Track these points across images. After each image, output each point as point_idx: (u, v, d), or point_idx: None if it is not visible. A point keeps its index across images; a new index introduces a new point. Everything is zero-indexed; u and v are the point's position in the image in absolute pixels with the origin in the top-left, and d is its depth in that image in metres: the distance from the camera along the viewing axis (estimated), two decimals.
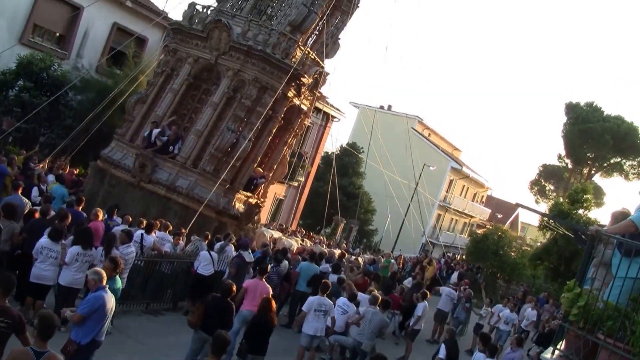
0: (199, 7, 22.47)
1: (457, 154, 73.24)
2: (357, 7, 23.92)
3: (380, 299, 15.00)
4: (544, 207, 71.16)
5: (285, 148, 23.75)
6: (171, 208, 20.07)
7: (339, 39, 23.96)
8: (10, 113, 24.12)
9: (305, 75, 21.82)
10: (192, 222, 17.76)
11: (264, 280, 13.40)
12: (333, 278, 17.98)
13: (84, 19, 28.74)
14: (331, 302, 14.45)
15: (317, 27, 23.27)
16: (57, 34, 28.53)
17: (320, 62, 23.02)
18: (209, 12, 22.26)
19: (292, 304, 18.45)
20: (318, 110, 37.78)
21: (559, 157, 71.56)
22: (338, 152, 46.64)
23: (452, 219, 68.69)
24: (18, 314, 7.57)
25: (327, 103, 38.38)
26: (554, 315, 23.82)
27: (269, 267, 15.25)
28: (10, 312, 7.45)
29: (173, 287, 16.50)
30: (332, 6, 22.76)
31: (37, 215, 13.30)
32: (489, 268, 44.40)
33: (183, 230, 17.53)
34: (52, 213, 13.61)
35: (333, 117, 42.03)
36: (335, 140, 44.60)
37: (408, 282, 23.93)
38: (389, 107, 61.18)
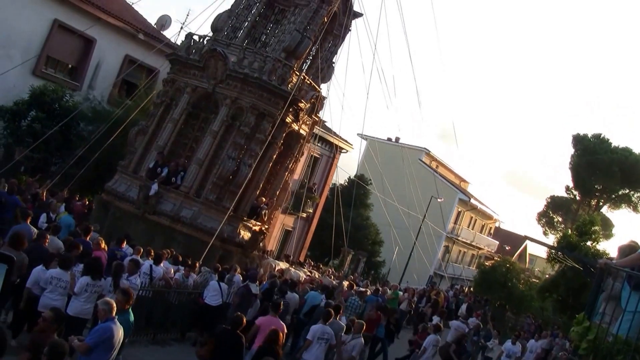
0: (195, 38, 22.79)
1: (465, 185, 73.13)
2: (349, 30, 24.19)
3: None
4: (552, 239, 70.76)
5: (286, 174, 23.85)
6: (176, 238, 20.18)
7: (333, 63, 24.26)
8: (22, 143, 24.32)
9: (303, 100, 22.01)
10: (201, 252, 17.80)
11: (277, 317, 13.32)
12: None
13: (96, 51, 29.09)
14: (332, 331, 14.37)
15: (311, 52, 23.51)
16: (70, 66, 28.85)
17: (317, 87, 23.22)
18: (205, 42, 22.54)
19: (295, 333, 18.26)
20: (326, 142, 37.91)
21: (567, 188, 71.32)
22: (346, 183, 46.63)
23: (460, 250, 68.42)
24: None
25: (335, 135, 38.49)
26: (564, 348, 23.66)
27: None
28: None
29: (180, 318, 16.48)
30: (324, 31, 23.05)
31: (46, 243, 13.28)
32: (497, 300, 44.14)
33: (197, 264, 17.53)
34: (57, 242, 13.65)
35: (341, 149, 42.10)
36: (340, 171, 44.69)
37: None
38: (397, 139, 61.26)
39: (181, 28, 24.02)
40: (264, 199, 22.90)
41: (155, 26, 33.33)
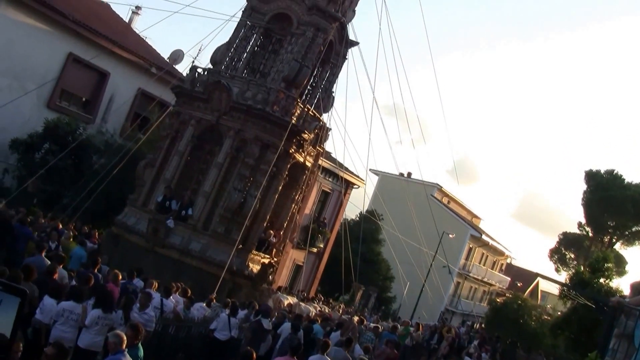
0: (200, 70, 23.03)
1: (477, 221, 72.87)
2: (345, 59, 24.35)
3: None
4: (564, 275, 70.19)
5: (293, 205, 23.86)
6: (185, 271, 20.15)
7: (333, 92, 24.41)
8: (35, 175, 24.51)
9: (306, 131, 22.09)
10: (210, 285, 17.77)
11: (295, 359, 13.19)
12: (335, 336, 17.70)
13: (110, 85, 29.41)
14: None
15: (311, 82, 23.67)
16: (84, 99, 29.14)
17: (319, 117, 23.34)
18: (209, 74, 22.77)
19: None
20: (337, 177, 37.96)
21: (580, 225, 70.78)
22: (357, 218, 46.58)
23: (471, 287, 67.95)
24: None
25: (347, 170, 38.55)
26: None
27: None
28: None
29: (188, 351, 16.39)
30: (321, 60, 23.21)
31: (56, 276, 13.30)
32: (509, 337, 43.66)
33: (212, 298, 17.54)
34: (62, 272, 13.67)
35: (352, 184, 42.12)
36: (352, 206, 44.82)
37: None
38: (409, 174, 61.23)
39: (193, 62, 24.26)
40: (272, 232, 22.91)
41: (168, 60, 33.68)
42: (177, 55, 34.59)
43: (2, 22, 25.03)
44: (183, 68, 31.82)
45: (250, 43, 23.82)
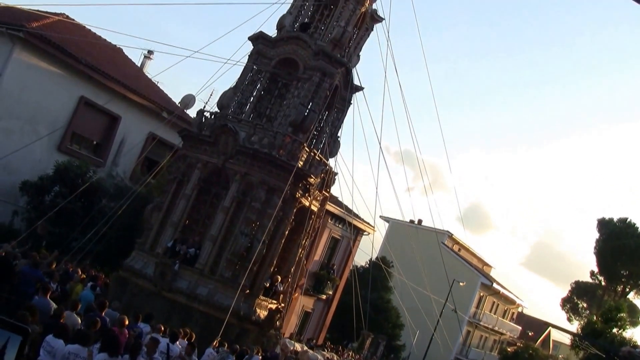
0: (207, 114, 23.12)
1: (488, 269, 72.28)
2: (350, 104, 24.40)
3: None
4: (576, 325, 69.31)
5: (300, 250, 23.67)
6: (192, 316, 19.99)
7: (339, 137, 24.42)
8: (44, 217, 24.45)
9: (312, 176, 22.02)
10: (217, 330, 17.51)
11: None
12: None
13: (120, 128, 29.54)
14: None
15: (317, 127, 23.71)
16: (95, 142, 29.24)
17: (325, 161, 23.29)
18: (216, 118, 22.85)
19: None
20: (347, 223, 37.75)
21: (592, 273, 70.24)
22: (367, 265, 46.24)
23: (482, 335, 67.05)
24: None
25: (357, 217, 38.35)
26: None
27: None
28: None
29: None
30: (327, 105, 23.27)
31: (63, 319, 13.10)
32: None
33: (215, 342, 17.30)
34: (75, 318, 13.48)
35: (362, 230, 41.90)
36: (362, 252, 44.71)
37: None
38: (419, 221, 60.92)
39: (204, 107, 24.33)
40: (279, 277, 22.72)
41: (179, 105, 33.81)
42: (189, 100, 34.67)
43: (16, 65, 25.28)
44: (194, 112, 31.93)
45: (257, 87, 23.97)
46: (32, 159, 25.66)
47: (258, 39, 23.53)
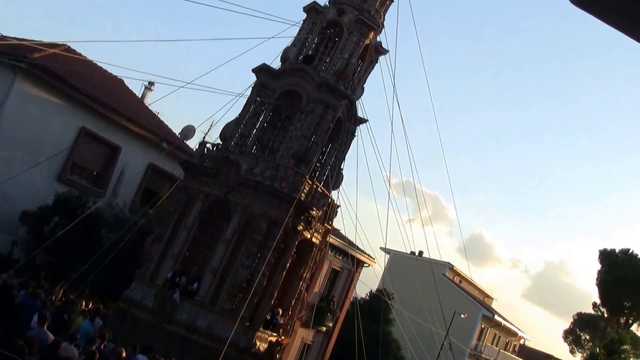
0: (209, 146, 23.08)
1: (489, 301, 71.81)
2: (354, 136, 24.38)
3: None
4: (579, 357, 68.76)
5: (301, 283, 23.48)
6: (191, 348, 19.83)
7: (342, 169, 24.34)
8: (44, 248, 24.34)
9: (314, 208, 21.90)
10: None
11: None
12: None
13: (120, 159, 29.51)
14: None
15: (319, 159, 23.67)
16: (95, 172, 29.19)
17: (328, 194, 23.18)
18: (218, 149, 22.80)
19: None
20: (347, 255, 37.58)
21: (595, 305, 69.84)
22: (367, 297, 45.96)
23: None
24: None
25: (357, 249, 38.18)
26: None
27: None
28: None
29: None
30: (330, 137, 23.22)
31: (60, 350, 12.96)
32: None
33: None
34: (72, 350, 13.32)
35: (363, 262, 41.69)
36: (362, 284, 44.50)
37: None
38: (420, 253, 60.65)
39: (204, 138, 24.36)
40: (279, 310, 22.50)
41: (179, 135, 33.85)
42: (189, 131, 34.78)
43: (17, 95, 25.33)
44: (194, 143, 31.96)
45: (260, 119, 23.95)
46: (32, 189, 25.60)
47: (261, 71, 23.58)
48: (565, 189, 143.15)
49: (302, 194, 21.46)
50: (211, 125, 26.37)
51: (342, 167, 24.42)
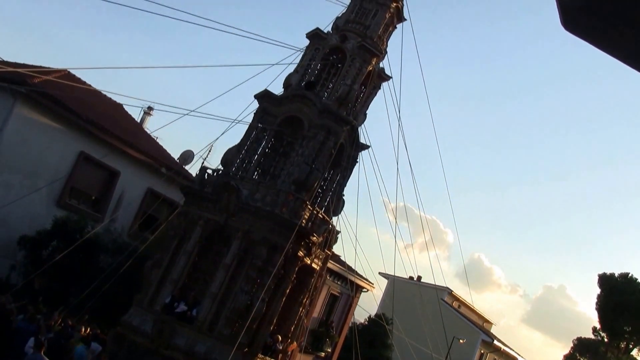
0: (209, 171, 23.12)
1: (489, 326, 71.53)
2: (356, 162, 24.42)
3: None
4: None
5: (301, 309, 23.39)
6: None
7: (343, 195, 24.31)
8: (42, 272, 24.27)
9: (315, 234, 21.88)
10: None
11: None
12: None
13: (119, 184, 29.52)
14: None
15: (321, 185, 23.65)
16: (93, 197, 29.20)
17: (329, 220, 23.16)
18: (218, 175, 22.83)
19: None
20: (346, 280, 37.52)
21: (594, 330, 69.53)
22: (366, 322, 45.83)
23: None
24: None
25: (356, 274, 38.10)
26: None
27: None
28: None
29: None
30: (332, 163, 23.25)
31: None
32: None
33: None
34: None
35: (362, 288, 41.63)
36: (361, 310, 44.45)
37: None
38: (419, 278, 60.53)
39: (202, 163, 24.42)
40: (279, 337, 22.40)
41: (178, 160, 33.91)
42: (188, 156, 34.84)
43: (17, 120, 25.38)
44: (193, 169, 32.01)
45: (262, 145, 23.95)
46: (30, 213, 25.58)
47: (264, 97, 23.64)
48: (564, 215, 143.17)
49: (303, 220, 21.44)
50: (209, 150, 26.46)
51: (343, 193, 24.45)
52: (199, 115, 25.53)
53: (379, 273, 64.67)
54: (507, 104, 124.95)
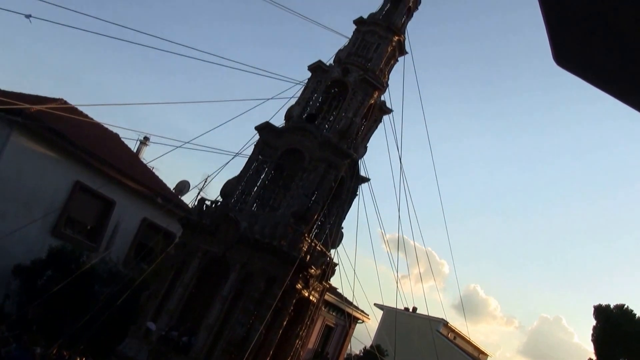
0: (207, 202, 23.04)
1: (484, 358, 71.09)
2: (356, 195, 24.41)
3: None
4: None
5: (297, 341, 23.22)
6: None
7: (342, 227, 24.29)
8: (36, 302, 24.10)
9: (313, 267, 21.79)
10: None
11: None
12: None
13: (115, 213, 29.44)
14: None
15: (320, 217, 23.59)
16: (89, 227, 29.10)
17: (327, 252, 23.08)
18: (217, 207, 22.76)
19: None
20: (342, 311, 37.37)
21: None
22: (361, 353, 45.50)
23: None
24: None
25: (351, 305, 37.94)
26: None
27: None
28: None
29: None
30: (332, 196, 23.22)
31: None
32: None
33: None
34: None
35: (357, 319, 41.43)
36: (356, 341, 44.22)
37: None
38: (414, 309, 60.20)
39: (198, 194, 24.41)
40: None
41: (174, 191, 33.87)
42: (183, 186, 34.84)
43: (13, 149, 25.38)
44: (189, 199, 31.99)
45: (262, 177, 23.88)
46: (25, 242, 25.45)
47: (264, 129, 23.63)
48: (560, 246, 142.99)
49: (302, 252, 21.33)
50: (205, 181, 26.42)
51: (342, 225, 24.38)
52: (195, 148, 25.50)
53: (375, 304, 64.43)
54: (506, 136, 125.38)
